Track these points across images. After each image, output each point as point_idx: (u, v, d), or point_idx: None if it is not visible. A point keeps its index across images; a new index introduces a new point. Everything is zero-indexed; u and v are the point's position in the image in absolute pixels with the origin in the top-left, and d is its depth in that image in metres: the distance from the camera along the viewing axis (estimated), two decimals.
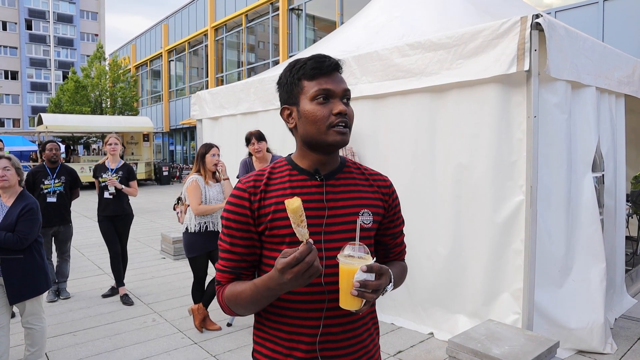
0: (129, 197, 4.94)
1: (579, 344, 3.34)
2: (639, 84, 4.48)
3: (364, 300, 1.07)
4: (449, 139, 3.62)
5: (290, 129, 1.24)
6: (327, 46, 5.12)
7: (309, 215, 1.14)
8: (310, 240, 1.01)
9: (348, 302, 1.07)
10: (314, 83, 1.16)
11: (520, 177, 3.22)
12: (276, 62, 18.83)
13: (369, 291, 1.04)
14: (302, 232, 1.01)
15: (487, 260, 3.42)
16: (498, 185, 3.35)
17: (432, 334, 3.76)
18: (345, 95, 1.18)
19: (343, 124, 1.15)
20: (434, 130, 3.71)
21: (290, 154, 1.29)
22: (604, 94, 3.86)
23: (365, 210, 1.24)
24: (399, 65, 3.80)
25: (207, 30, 23.76)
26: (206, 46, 24.24)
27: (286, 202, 1.02)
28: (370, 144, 4.19)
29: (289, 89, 1.21)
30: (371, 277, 1.05)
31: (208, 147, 3.87)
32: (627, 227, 4.85)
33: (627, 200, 5.18)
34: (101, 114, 24.63)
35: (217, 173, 3.96)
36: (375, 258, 1.13)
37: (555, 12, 9.44)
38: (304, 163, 1.23)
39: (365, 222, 1.22)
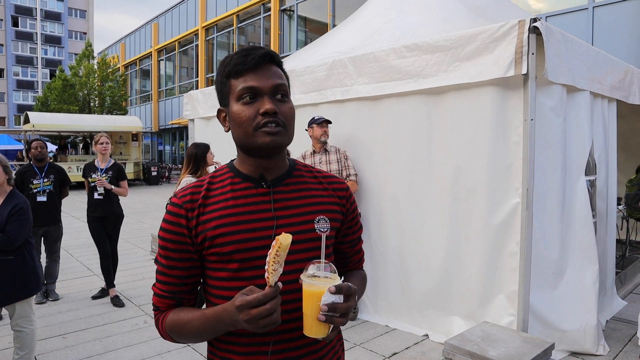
0: (119, 197, 4.87)
1: (573, 345, 3.37)
2: (629, 90, 4.54)
3: (331, 326, 0.95)
4: (445, 141, 3.62)
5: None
6: (321, 47, 5.10)
7: (255, 227, 1.04)
8: (280, 285, 0.90)
9: (314, 329, 0.95)
10: (239, 81, 1.04)
11: (517, 180, 3.24)
12: None
13: (337, 315, 0.92)
14: (276, 274, 0.90)
15: (483, 262, 3.43)
16: (494, 187, 3.36)
17: (427, 335, 3.76)
18: (276, 90, 1.05)
19: (274, 124, 1.02)
20: (431, 133, 3.71)
21: (232, 160, 1.17)
22: (597, 98, 3.90)
23: (321, 217, 1.11)
24: (395, 67, 3.80)
25: (197, 30, 23.64)
26: (196, 46, 24.10)
27: (280, 237, 0.89)
28: (367, 146, 4.19)
29: (219, 89, 1.11)
30: (340, 299, 0.92)
31: (205, 146, 3.83)
32: (620, 229, 4.91)
33: (620, 204, 5.25)
34: (89, 113, 24.34)
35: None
36: (343, 277, 1.02)
37: (546, 17, 9.56)
38: (245, 168, 1.11)
39: (322, 229, 1.10)
